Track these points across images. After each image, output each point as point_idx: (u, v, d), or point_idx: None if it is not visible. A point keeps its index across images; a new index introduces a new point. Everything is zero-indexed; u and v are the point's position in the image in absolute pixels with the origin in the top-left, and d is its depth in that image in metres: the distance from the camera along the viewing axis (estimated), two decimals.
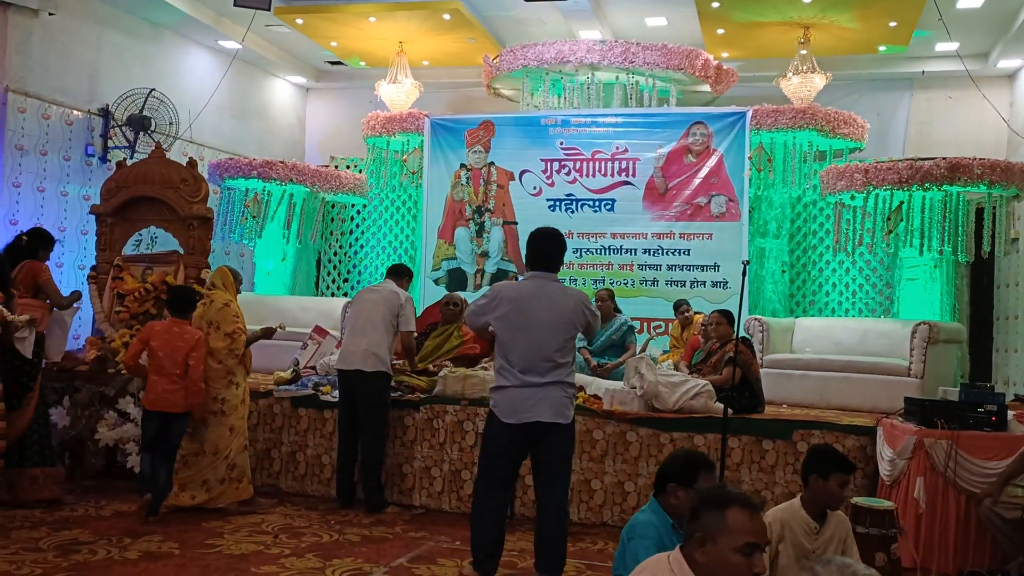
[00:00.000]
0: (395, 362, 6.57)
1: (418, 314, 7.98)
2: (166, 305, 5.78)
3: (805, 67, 9.16)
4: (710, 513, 2.15)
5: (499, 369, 4.19)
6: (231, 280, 5.67)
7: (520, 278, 5.51)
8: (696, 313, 7.80)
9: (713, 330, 6.28)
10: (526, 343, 4.11)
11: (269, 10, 8.47)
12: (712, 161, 9.00)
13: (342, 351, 5.86)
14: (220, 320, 5.47)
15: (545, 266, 4.25)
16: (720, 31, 9.21)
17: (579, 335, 7.32)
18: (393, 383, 6.08)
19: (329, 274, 11.04)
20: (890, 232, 7.67)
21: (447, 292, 8.21)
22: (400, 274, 6.13)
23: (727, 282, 8.83)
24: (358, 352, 5.67)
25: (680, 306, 7.92)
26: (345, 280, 10.97)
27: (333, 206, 10.72)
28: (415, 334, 6.15)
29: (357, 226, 10.97)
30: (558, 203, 9.43)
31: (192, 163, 7.01)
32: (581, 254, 9.28)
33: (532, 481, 4.33)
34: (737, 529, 2.10)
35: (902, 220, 7.66)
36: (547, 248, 4.28)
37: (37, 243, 6.22)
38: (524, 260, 4.35)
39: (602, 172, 9.33)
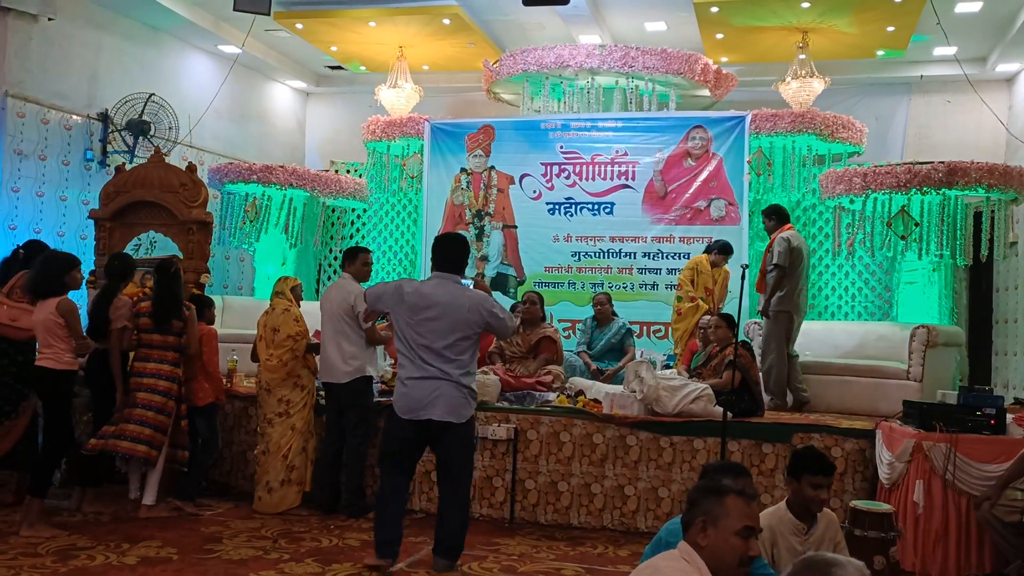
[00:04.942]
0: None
1: None
2: None
3: (804, 71, 9.18)
4: (710, 501, 2.34)
5: (399, 362, 4.40)
6: (288, 287, 5.95)
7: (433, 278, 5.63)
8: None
9: (713, 334, 6.29)
10: (420, 340, 4.27)
11: (269, 15, 8.48)
12: (711, 165, 9.01)
13: (320, 360, 5.77)
14: (280, 324, 5.71)
15: (447, 267, 4.44)
16: (719, 36, 9.23)
17: (582, 340, 7.40)
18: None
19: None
20: (904, 238, 7.64)
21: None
22: (346, 262, 5.86)
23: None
24: (331, 363, 5.60)
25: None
26: None
27: (333, 210, 10.73)
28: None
29: (357, 230, 10.97)
30: (558, 207, 9.43)
31: (191, 167, 7.02)
32: (580, 258, 9.29)
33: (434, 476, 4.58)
34: (736, 514, 2.30)
35: (917, 225, 7.64)
36: (450, 250, 4.49)
37: (35, 255, 6.19)
38: (430, 261, 4.62)
39: (602, 176, 9.33)
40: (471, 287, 4.65)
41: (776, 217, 6.82)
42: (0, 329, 5.40)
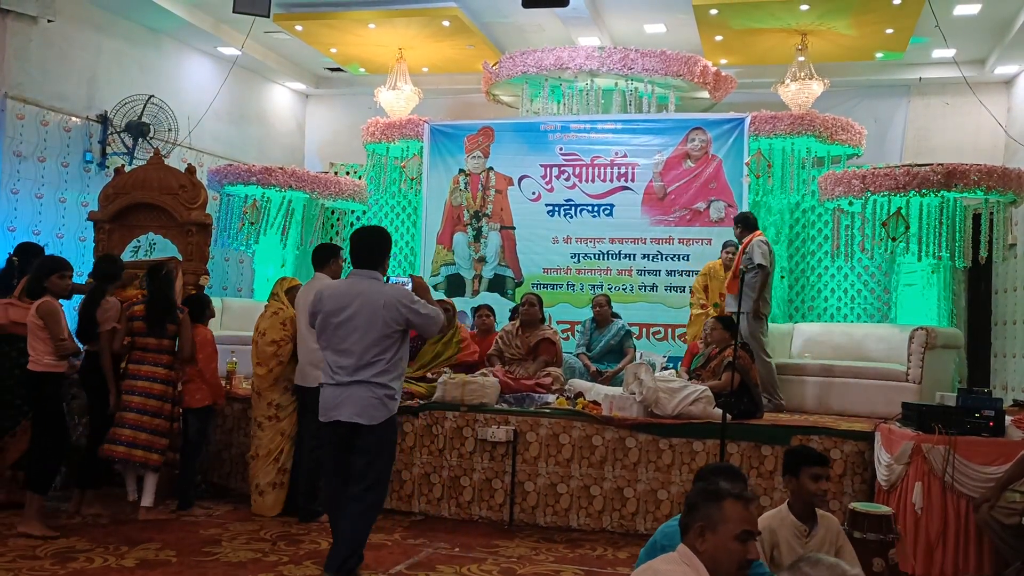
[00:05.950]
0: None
1: None
2: None
3: (803, 74, 9.19)
4: (708, 506, 2.35)
5: (323, 366, 4.21)
6: (283, 289, 5.88)
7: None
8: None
9: (710, 335, 6.29)
10: (337, 340, 4.09)
11: (268, 16, 8.48)
12: (711, 167, 9.02)
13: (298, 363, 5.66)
14: (267, 328, 5.66)
15: (363, 263, 4.19)
16: (718, 38, 9.24)
17: (582, 342, 7.38)
18: None
19: None
20: (894, 239, 7.68)
21: (443, 298, 8.18)
22: (320, 263, 5.60)
23: None
24: (302, 367, 5.52)
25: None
26: None
27: (332, 212, 10.73)
28: None
29: None
30: (557, 208, 9.44)
31: (191, 169, 7.02)
32: (579, 259, 9.29)
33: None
34: (734, 519, 2.32)
35: (908, 227, 7.67)
36: (365, 245, 4.22)
37: (28, 258, 6.17)
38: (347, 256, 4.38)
39: (601, 178, 9.34)
40: (409, 285, 4.48)
41: (743, 224, 7.13)
42: (20, 329, 5.39)
